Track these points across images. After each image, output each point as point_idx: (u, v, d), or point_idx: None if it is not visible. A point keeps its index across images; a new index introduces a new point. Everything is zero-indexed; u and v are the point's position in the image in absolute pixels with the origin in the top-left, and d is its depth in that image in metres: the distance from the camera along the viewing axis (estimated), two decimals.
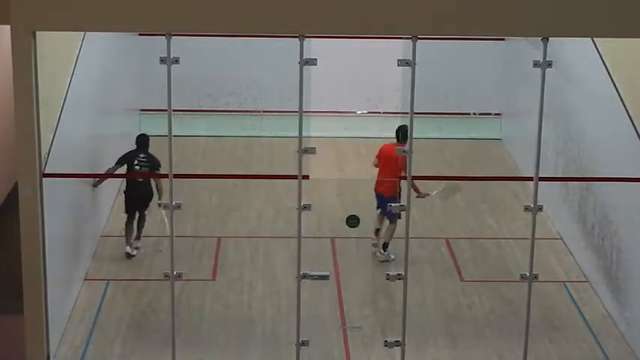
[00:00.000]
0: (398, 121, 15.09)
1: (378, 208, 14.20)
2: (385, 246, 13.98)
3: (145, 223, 14.17)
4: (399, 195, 13.11)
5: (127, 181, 14.23)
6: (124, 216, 14.21)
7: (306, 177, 10.74)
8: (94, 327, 12.18)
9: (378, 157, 14.27)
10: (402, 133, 13.55)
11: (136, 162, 13.95)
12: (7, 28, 10.21)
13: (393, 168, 13.73)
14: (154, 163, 13.92)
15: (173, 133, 10.61)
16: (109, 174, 13.99)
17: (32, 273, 10.73)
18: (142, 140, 14.18)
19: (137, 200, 14.06)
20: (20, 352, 10.96)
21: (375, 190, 14.18)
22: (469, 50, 18.12)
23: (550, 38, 10.40)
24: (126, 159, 14.03)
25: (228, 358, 11.67)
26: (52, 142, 11.26)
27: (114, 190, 15.71)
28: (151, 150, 14.11)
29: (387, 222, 13.99)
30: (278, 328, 12.24)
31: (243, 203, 15.81)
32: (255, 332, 12.18)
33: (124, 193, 14.19)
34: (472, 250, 14.52)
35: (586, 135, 13.86)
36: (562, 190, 14.77)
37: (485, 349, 11.93)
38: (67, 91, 12.25)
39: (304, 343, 10.96)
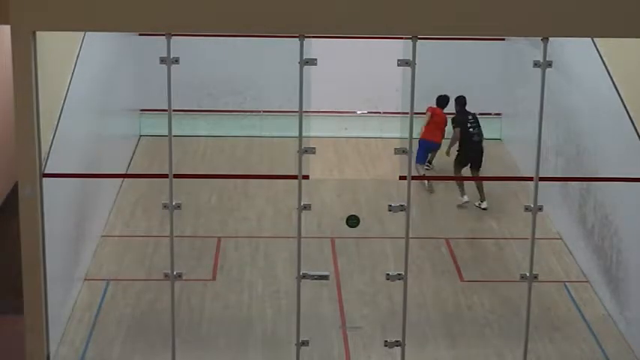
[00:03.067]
0: (398, 121, 15.08)
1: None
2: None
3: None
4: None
5: (461, 142, 15.68)
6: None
7: (306, 177, 10.73)
8: (94, 327, 12.17)
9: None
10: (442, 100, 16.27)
11: (469, 125, 15.60)
12: (7, 28, 10.20)
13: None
14: (478, 120, 15.66)
15: (173, 133, 10.60)
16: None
17: (32, 273, 10.71)
18: (462, 101, 15.78)
19: (473, 160, 15.66)
20: (20, 352, 10.96)
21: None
22: (469, 50, 18.12)
23: (550, 38, 10.40)
24: (461, 122, 15.63)
25: (228, 358, 11.67)
26: (52, 142, 11.25)
27: (114, 190, 15.71)
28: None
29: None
30: (278, 328, 12.24)
31: (243, 203, 15.80)
32: (255, 332, 12.18)
33: (458, 152, 15.74)
34: (472, 250, 14.52)
35: (586, 135, 13.85)
36: (562, 190, 14.76)
37: (485, 349, 11.92)
38: (67, 91, 12.24)
39: (304, 343, 10.95)
